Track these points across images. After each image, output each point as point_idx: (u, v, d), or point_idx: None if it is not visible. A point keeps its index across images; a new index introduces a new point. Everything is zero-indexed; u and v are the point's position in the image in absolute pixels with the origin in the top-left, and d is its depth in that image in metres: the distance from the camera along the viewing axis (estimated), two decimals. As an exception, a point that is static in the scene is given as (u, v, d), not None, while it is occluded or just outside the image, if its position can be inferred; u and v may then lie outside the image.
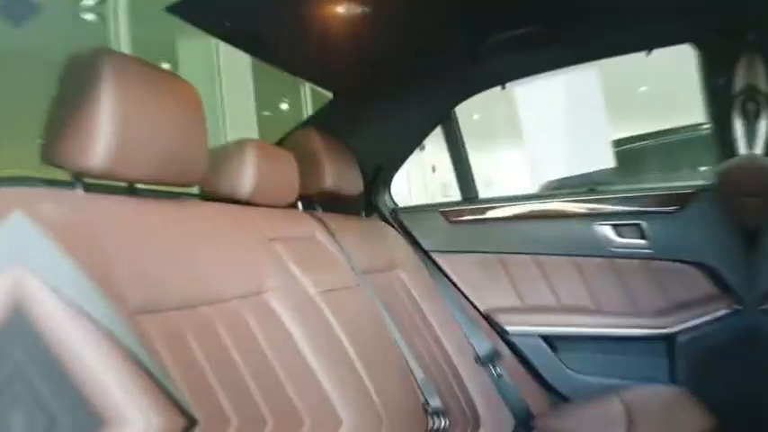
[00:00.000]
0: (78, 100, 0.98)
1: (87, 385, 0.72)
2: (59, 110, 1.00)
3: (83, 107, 0.97)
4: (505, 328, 2.21)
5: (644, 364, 2.09)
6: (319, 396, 1.22)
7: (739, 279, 2.00)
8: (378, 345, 1.53)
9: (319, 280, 1.45)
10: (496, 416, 2.00)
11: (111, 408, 0.72)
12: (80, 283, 0.79)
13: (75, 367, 0.73)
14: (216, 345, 1.06)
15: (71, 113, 0.98)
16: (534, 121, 2.10)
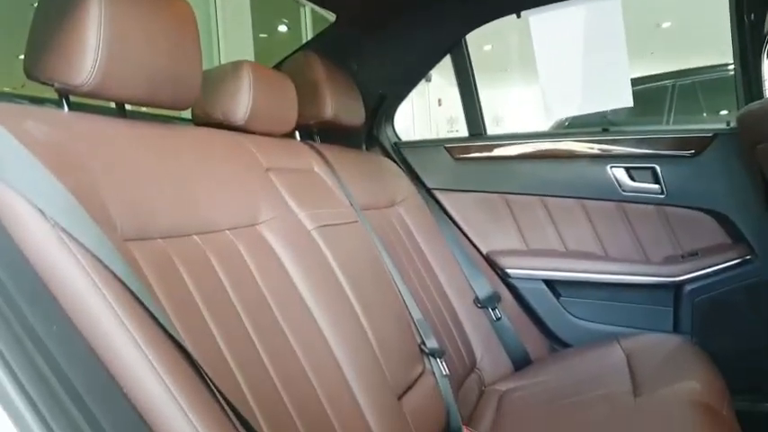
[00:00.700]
0: (64, 10, 0.92)
1: (75, 311, 0.69)
2: (44, 21, 0.95)
3: (69, 18, 0.91)
4: (507, 271, 2.16)
5: (648, 312, 2.05)
6: (314, 333, 1.18)
7: (753, 228, 1.94)
8: (375, 283, 1.47)
9: (316, 214, 1.39)
10: (494, 359, 1.98)
11: (100, 336, 0.69)
12: (67, 206, 0.74)
13: (62, 292, 0.69)
14: (208, 276, 1.01)
15: (56, 25, 0.92)
16: (549, 55, 1.98)
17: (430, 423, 1.40)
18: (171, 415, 0.66)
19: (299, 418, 1.02)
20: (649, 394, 1.47)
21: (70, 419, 0.57)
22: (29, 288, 0.66)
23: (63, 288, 0.69)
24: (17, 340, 0.58)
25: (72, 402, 0.58)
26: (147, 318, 0.71)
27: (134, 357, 0.67)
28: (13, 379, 0.56)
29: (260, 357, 1.02)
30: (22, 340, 0.59)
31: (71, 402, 0.58)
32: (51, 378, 0.58)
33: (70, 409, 0.57)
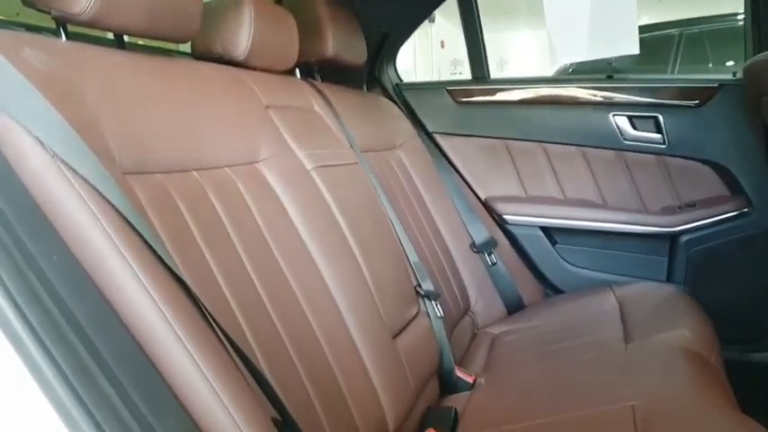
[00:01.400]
0: None
1: (75, 242, 0.69)
2: None
3: None
4: (505, 218, 2.17)
5: (643, 261, 2.07)
6: (311, 272, 1.19)
7: (752, 181, 1.94)
8: (373, 225, 1.48)
9: (316, 155, 1.38)
10: (488, 303, 2.01)
11: (100, 267, 0.69)
12: (65, 136, 0.73)
13: (62, 223, 0.69)
14: (206, 213, 1.01)
15: None
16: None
17: (423, 363, 1.42)
18: (169, 345, 0.67)
19: (296, 355, 1.03)
20: (640, 341, 1.50)
21: (70, 347, 0.57)
22: (29, 218, 0.66)
23: (63, 219, 0.69)
24: (18, 269, 0.58)
25: (72, 331, 0.58)
26: (146, 250, 0.71)
27: (133, 289, 0.67)
28: (14, 307, 0.56)
29: (258, 294, 1.03)
30: (23, 269, 0.59)
31: (71, 331, 0.58)
32: (52, 307, 0.58)
33: (70, 337, 0.58)
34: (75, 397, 0.55)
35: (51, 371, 0.55)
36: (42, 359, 0.55)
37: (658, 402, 1.15)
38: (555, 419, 1.22)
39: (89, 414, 0.55)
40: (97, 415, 0.56)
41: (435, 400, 1.51)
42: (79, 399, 0.55)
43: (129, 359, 0.63)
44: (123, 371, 0.61)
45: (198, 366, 0.67)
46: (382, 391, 1.19)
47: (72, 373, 0.56)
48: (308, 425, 0.86)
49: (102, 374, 0.58)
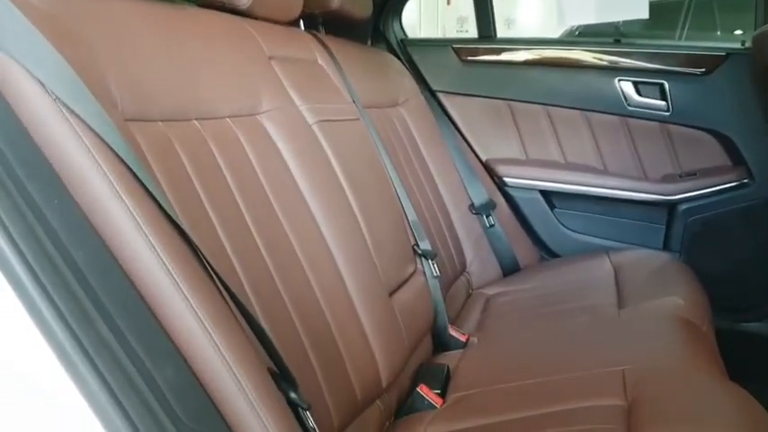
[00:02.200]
0: None
1: (75, 186, 0.68)
2: None
3: None
4: (504, 180, 2.16)
5: (640, 228, 2.07)
6: (310, 226, 1.19)
7: (754, 152, 1.93)
8: (372, 182, 1.47)
9: (318, 109, 1.36)
10: (484, 264, 2.02)
11: (100, 212, 0.68)
12: (67, 80, 0.72)
13: (63, 167, 0.68)
14: (207, 163, 1.00)
15: None
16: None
17: (418, 320, 1.44)
18: (168, 293, 0.67)
19: (292, 308, 1.04)
20: (633, 307, 1.51)
21: (70, 291, 0.57)
22: (30, 161, 0.65)
23: (63, 163, 0.68)
24: (18, 212, 0.58)
25: (72, 274, 0.58)
26: (146, 197, 0.71)
27: (132, 235, 0.67)
28: (14, 248, 0.56)
29: (257, 246, 1.03)
30: (24, 212, 0.58)
31: (71, 274, 0.58)
32: (51, 250, 0.58)
33: (70, 280, 0.58)
34: (75, 340, 0.55)
35: (51, 314, 0.56)
36: (42, 301, 0.55)
37: (648, 368, 1.16)
38: (544, 380, 1.23)
39: (88, 358, 0.56)
40: (96, 359, 0.56)
41: (428, 357, 1.53)
42: (78, 342, 0.56)
43: (128, 305, 0.63)
44: (122, 317, 0.61)
45: (196, 315, 0.67)
46: (377, 346, 1.20)
47: (71, 316, 0.56)
48: (302, 376, 0.87)
49: (102, 319, 0.58)
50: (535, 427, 1.05)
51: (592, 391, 1.12)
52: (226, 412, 0.67)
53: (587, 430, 0.99)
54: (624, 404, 1.05)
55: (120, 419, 0.56)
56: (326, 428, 1.01)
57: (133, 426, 0.56)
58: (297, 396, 0.78)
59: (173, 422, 0.59)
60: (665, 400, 1.04)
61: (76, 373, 0.55)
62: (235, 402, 0.67)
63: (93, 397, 0.56)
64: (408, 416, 1.27)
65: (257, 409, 0.67)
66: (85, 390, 0.55)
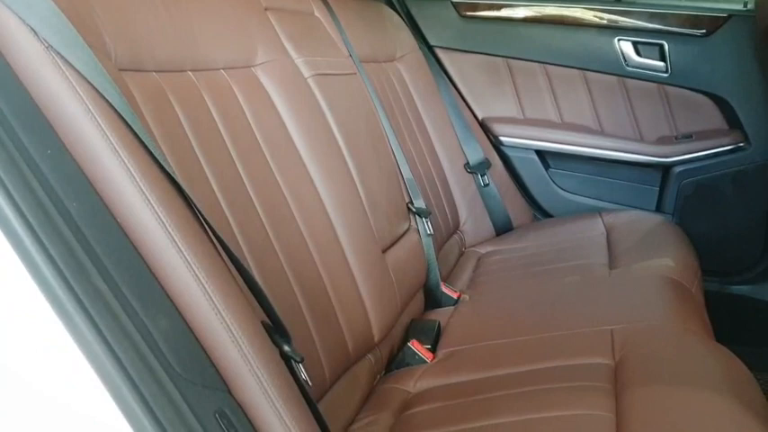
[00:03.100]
0: None
1: (69, 137, 0.67)
2: None
3: None
4: (500, 139, 2.15)
5: (634, 190, 2.08)
6: (305, 181, 1.18)
7: (751, 116, 1.92)
8: (368, 138, 1.46)
9: (314, 62, 1.35)
10: (477, 223, 2.02)
11: (94, 163, 0.67)
12: (59, 28, 0.70)
13: (56, 117, 0.67)
14: (202, 115, 1.00)
15: None
16: None
17: (410, 277, 1.45)
18: (162, 245, 0.67)
19: (286, 262, 1.04)
20: (624, 267, 1.52)
21: (65, 242, 0.57)
22: (22, 110, 0.64)
23: (56, 113, 0.67)
24: (12, 161, 0.57)
25: (66, 225, 0.58)
26: (140, 149, 0.70)
27: (127, 187, 0.67)
28: (9, 200, 0.55)
29: (250, 200, 1.03)
30: (17, 162, 0.58)
31: (65, 225, 0.58)
32: (46, 200, 0.58)
33: (65, 231, 0.58)
34: (70, 291, 0.56)
35: (46, 265, 0.55)
36: (37, 253, 0.55)
37: (637, 328, 1.18)
38: (534, 338, 1.25)
39: (83, 309, 0.56)
40: (91, 310, 0.56)
41: (420, 313, 1.55)
42: (74, 293, 0.56)
43: (122, 257, 0.63)
44: (116, 268, 0.61)
45: (190, 267, 0.67)
46: (369, 301, 1.21)
47: (66, 267, 0.56)
48: (295, 330, 0.88)
49: (96, 270, 0.58)
50: (523, 384, 1.07)
51: (580, 350, 1.14)
52: (219, 364, 0.68)
53: (575, 387, 1.01)
54: (612, 363, 1.07)
55: (114, 369, 0.56)
56: (318, 381, 1.03)
57: (127, 374, 0.57)
58: (290, 349, 0.79)
59: (166, 372, 0.60)
60: (652, 359, 1.06)
61: (71, 324, 0.56)
62: (228, 354, 0.68)
63: (87, 347, 0.56)
64: (399, 370, 1.29)
65: (251, 361, 0.68)
66: (80, 339, 0.56)
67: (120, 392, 0.56)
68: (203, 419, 0.59)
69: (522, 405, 1.00)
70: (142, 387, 0.56)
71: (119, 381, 0.56)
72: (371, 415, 1.15)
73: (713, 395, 0.89)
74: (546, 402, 0.98)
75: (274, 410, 0.67)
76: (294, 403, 0.70)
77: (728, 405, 0.86)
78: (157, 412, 0.56)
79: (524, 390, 1.05)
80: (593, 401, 0.95)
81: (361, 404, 1.20)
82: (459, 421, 1.01)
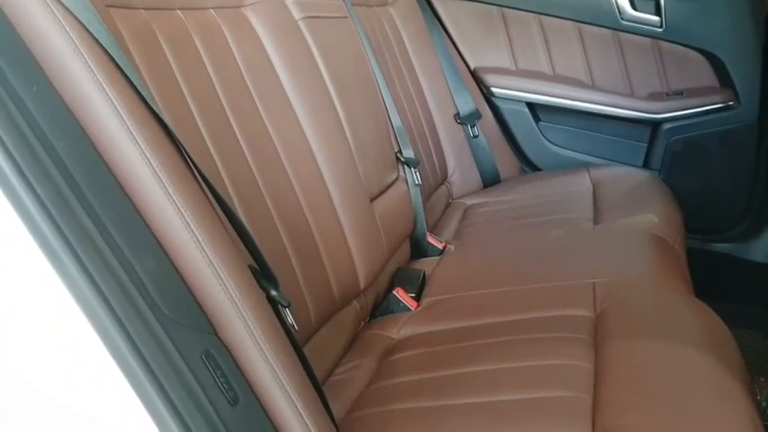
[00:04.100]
0: None
1: (56, 74, 0.65)
2: None
3: None
4: (492, 90, 2.13)
5: (622, 145, 2.08)
6: (293, 126, 1.17)
7: (743, 75, 1.91)
8: (358, 84, 1.44)
9: (305, 3, 1.32)
10: (465, 174, 2.03)
11: (81, 101, 0.66)
12: None
13: (42, 53, 0.65)
14: (190, 55, 0.98)
15: None
16: None
17: (397, 227, 1.45)
18: (149, 185, 0.66)
19: (273, 207, 1.04)
20: (608, 222, 1.53)
21: (51, 180, 0.56)
22: (7, 46, 0.62)
23: (43, 49, 0.65)
24: None
25: (53, 163, 0.57)
26: (127, 87, 0.69)
27: (113, 125, 0.65)
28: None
29: (238, 142, 1.02)
30: (3, 98, 0.56)
31: (52, 163, 0.57)
32: (31, 137, 0.56)
33: (51, 169, 0.57)
34: (56, 229, 0.55)
35: (33, 203, 0.55)
36: (24, 191, 0.54)
37: (618, 282, 1.20)
38: (517, 289, 1.27)
39: (70, 247, 0.55)
40: (78, 248, 0.56)
41: (406, 262, 1.56)
42: (60, 232, 0.55)
43: (109, 197, 0.63)
44: (103, 208, 0.60)
45: (177, 209, 0.67)
46: (356, 249, 1.22)
47: (53, 206, 0.55)
48: (282, 275, 0.88)
49: (83, 209, 0.58)
50: (505, 333, 1.08)
51: (562, 302, 1.16)
52: (206, 306, 0.68)
53: (556, 338, 1.03)
54: (593, 315, 1.09)
55: (101, 309, 0.56)
56: (304, 325, 1.04)
57: (114, 314, 0.57)
58: (277, 294, 0.80)
59: (153, 312, 0.60)
60: (631, 313, 1.08)
61: (58, 262, 0.55)
62: (215, 297, 0.68)
63: (75, 286, 0.56)
64: (383, 317, 1.30)
65: (238, 304, 0.68)
66: (67, 279, 0.56)
67: (108, 332, 0.56)
68: (190, 360, 0.60)
69: (502, 354, 1.02)
70: (129, 327, 0.57)
71: (106, 321, 0.56)
72: (355, 360, 1.17)
73: (690, 349, 0.91)
74: (527, 352, 1.00)
75: (260, 353, 0.68)
76: (280, 347, 0.71)
77: (705, 359, 0.88)
78: (144, 352, 0.57)
79: (506, 339, 1.06)
80: (572, 352, 0.97)
81: (346, 349, 1.22)
82: (440, 368, 1.03)
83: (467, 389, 0.95)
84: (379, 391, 1.04)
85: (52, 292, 0.56)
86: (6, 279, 0.59)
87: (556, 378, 0.92)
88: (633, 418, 0.79)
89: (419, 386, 1.00)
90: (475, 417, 0.88)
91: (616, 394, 0.84)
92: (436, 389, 0.97)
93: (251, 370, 0.68)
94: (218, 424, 0.59)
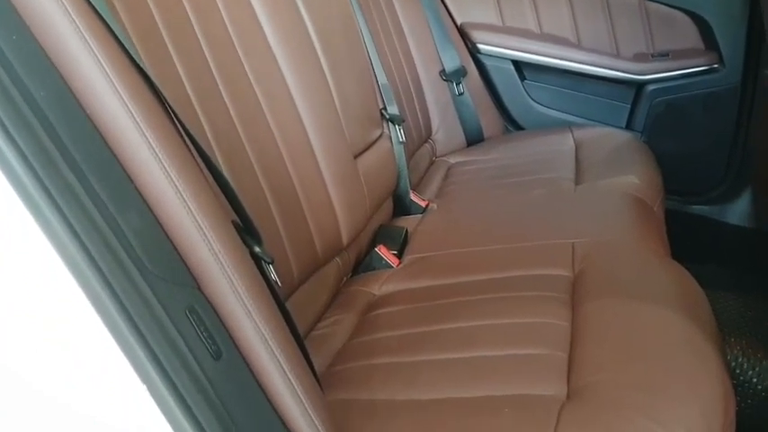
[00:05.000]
0: None
1: (35, 24, 0.63)
2: None
3: None
4: (478, 46, 2.11)
5: (606, 106, 2.08)
6: (277, 80, 1.16)
7: (728, 38, 1.90)
8: (343, 39, 1.42)
9: (292, -43, 1.29)
10: (449, 132, 2.03)
11: (62, 54, 0.64)
12: None
13: (22, 3, 0.62)
14: (174, 9, 0.96)
15: None
16: None
17: (381, 184, 1.45)
18: (132, 140, 0.65)
19: (256, 163, 1.04)
20: (589, 183, 1.55)
21: (32, 132, 0.55)
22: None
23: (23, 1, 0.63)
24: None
25: (33, 114, 0.56)
26: (109, 37, 0.67)
27: (95, 76, 0.64)
28: None
29: (221, 95, 1.01)
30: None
31: (31, 113, 0.55)
32: (11, 88, 0.55)
33: (30, 118, 0.55)
34: (38, 182, 0.54)
35: (13, 155, 0.54)
36: (3, 142, 0.54)
37: (597, 242, 1.21)
38: (497, 248, 1.28)
39: (52, 200, 0.55)
40: (58, 199, 0.55)
41: (388, 219, 1.57)
42: (42, 185, 0.54)
43: (91, 149, 0.62)
44: (85, 160, 0.59)
45: (161, 163, 0.66)
46: (339, 205, 1.22)
47: (34, 158, 0.54)
48: (265, 230, 0.88)
49: (65, 162, 0.57)
50: (484, 291, 1.10)
51: (542, 261, 1.18)
52: (190, 262, 0.68)
53: (534, 297, 1.05)
54: (571, 275, 1.11)
55: (84, 263, 0.56)
56: (287, 281, 1.05)
57: (98, 268, 0.57)
58: (261, 250, 0.80)
59: (137, 267, 0.60)
60: (609, 273, 1.10)
61: (41, 216, 0.55)
62: (199, 253, 0.68)
63: (57, 240, 0.55)
64: (365, 273, 1.32)
65: (221, 259, 0.68)
66: (50, 232, 0.55)
67: (92, 287, 0.56)
68: (174, 315, 0.60)
69: (481, 311, 1.04)
70: (113, 282, 0.57)
71: (89, 274, 0.56)
72: (337, 315, 1.19)
73: (664, 310, 0.93)
74: (505, 309, 1.02)
75: (243, 308, 0.68)
76: (263, 302, 0.71)
77: (678, 320, 0.90)
78: (128, 307, 0.57)
79: (485, 297, 1.08)
80: (550, 311, 0.99)
81: (328, 305, 1.23)
82: (420, 324, 1.05)
83: (446, 344, 0.97)
84: (359, 346, 1.06)
85: (34, 246, 0.56)
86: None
87: (533, 336, 0.94)
88: (606, 376, 0.81)
89: (399, 341, 1.02)
90: (453, 371, 0.90)
91: (591, 352, 0.87)
92: (416, 344, 0.99)
93: (234, 325, 0.68)
94: (201, 378, 0.60)
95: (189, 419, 0.58)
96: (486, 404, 0.82)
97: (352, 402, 0.90)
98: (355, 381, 0.95)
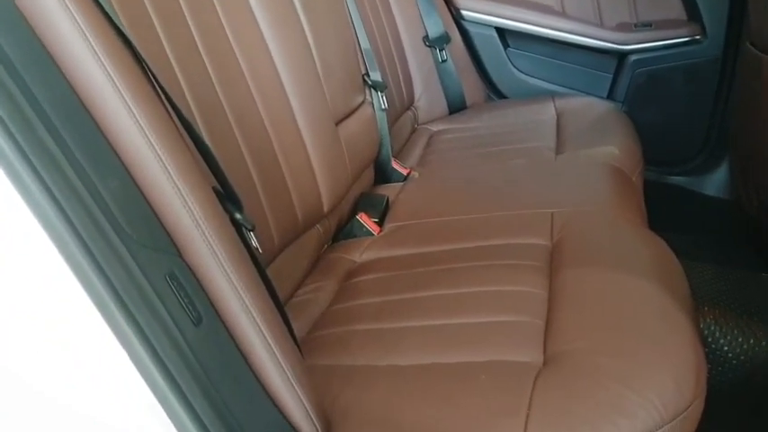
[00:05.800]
0: None
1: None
2: None
3: None
4: (462, 13, 2.09)
5: (588, 75, 2.08)
6: (258, 42, 1.15)
7: (711, 9, 1.91)
8: (326, 3, 1.40)
9: None
10: (431, 100, 2.02)
11: (43, 21, 0.62)
12: None
13: None
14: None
15: None
16: None
17: (362, 151, 1.45)
18: (112, 104, 0.64)
19: (237, 129, 1.03)
20: (570, 152, 1.56)
21: (9, 95, 0.54)
22: None
23: None
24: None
25: (9, 76, 0.54)
26: (91, 4, 0.66)
27: (76, 41, 0.62)
28: None
29: (201, 58, 1.00)
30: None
31: (8, 75, 0.54)
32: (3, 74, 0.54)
33: (8, 83, 0.54)
34: (16, 147, 0.53)
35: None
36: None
37: (576, 212, 1.22)
38: (478, 217, 1.29)
39: (27, 160, 0.54)
40: (38, 166, 0.54)
41: (370, 187, 1.57)
42: (20, 149, 0.54)
43: (69, 113, 0.61)
44: (64, 125, 0.58)
45: (141, 128, 0.65)
46: (320, 172, 1.22)
47: (11, 121, 0.53)
48: (246, 197, 0.88)
49: (43, 126, 0.56)
50: (464, 259, 1.11)
51: (521, 230, 1.19)
52: (170, 228, 0.67)
53: (513, 265, 1.06)
54: (549, 244, 1.12)
55: (64, 229, 0.56)
56: (267, 247, 1.05)
57: (78, 235, 0.56)
58: (241, 217, 0.80)
59: (117, 233, 0.59)
60: (586, 242, 1.11)
61: (19, 180, 0.54)
62: (179, 219, 0.67)
63: (36, 205, 0.55)
64: (346, 240, 1.32)
65: (201, 226, 0.68)
66: (29, 197, 0.55)
67: (71, 252, 0.56)
68: (154, 281, 0.60)
69: (461, 279, 1.05)
70: (93, 247, 0.56)
71: (69, 240, 0.55)
72: (318, 281, 1.19)
73: (640, 279, 0.95)
74: (484, 277, 1.04)
75: (224, 275, 0.68)
76: (244, 268, 0.71)
77: (653, 289, 0.92)
78: (109, 273, 0.56)
79: (465, 265, 1.09)
80: (528, 279, 1.00)
81: (308, 271, 1.24)
82: (400, 291, 1.06)
83: (425, 312, 0.98)
84: (340, 312, 1.07)
85: (12, 209, 0.56)
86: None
87: (511, 303, 0.95)
88: (581, 344, 0.83)
89: (379, 308, 1.03)
90: (432, 338, 0.91)
91: (567, 320, 0.88)
92: (396, 311, 1.00)
93: (214, 291, 0.68)
94: (181, 343, 0.60)
95: (169, 384, 0.59)
96: (464, 370, 0.83)
97: (332, 368, 0.91)
98: (335, 347, 0.96)
